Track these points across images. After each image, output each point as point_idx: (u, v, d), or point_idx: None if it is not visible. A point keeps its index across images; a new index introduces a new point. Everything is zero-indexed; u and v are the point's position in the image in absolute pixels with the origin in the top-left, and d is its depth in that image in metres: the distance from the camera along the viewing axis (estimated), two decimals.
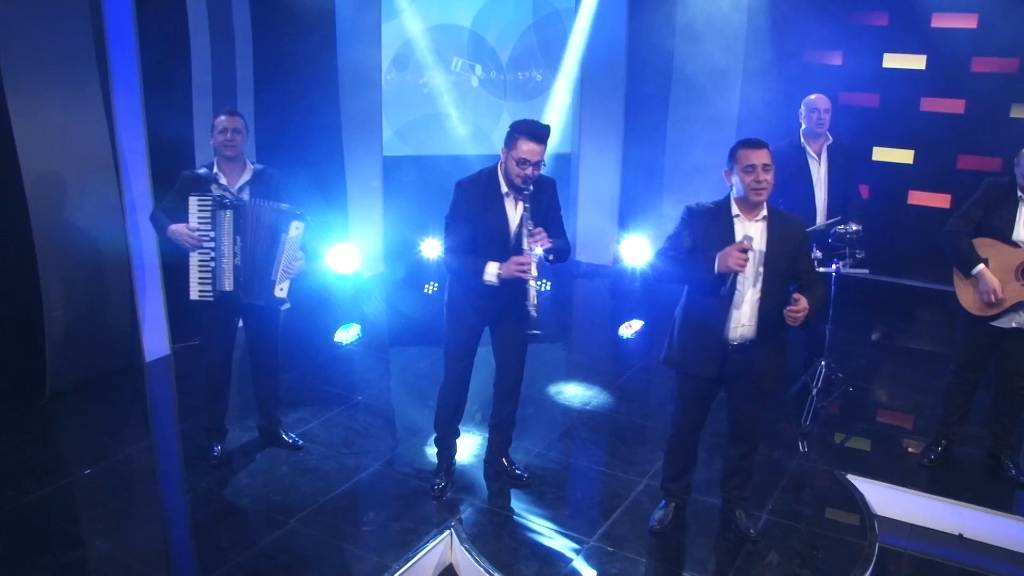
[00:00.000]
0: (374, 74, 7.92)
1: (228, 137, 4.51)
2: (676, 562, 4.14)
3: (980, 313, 4.62)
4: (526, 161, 4.05)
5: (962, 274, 4.64)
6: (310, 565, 4.03)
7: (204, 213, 4.51)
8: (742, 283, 3.84)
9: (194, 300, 4.58)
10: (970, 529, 4.60)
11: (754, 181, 3.75)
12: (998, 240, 4.53)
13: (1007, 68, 7.02)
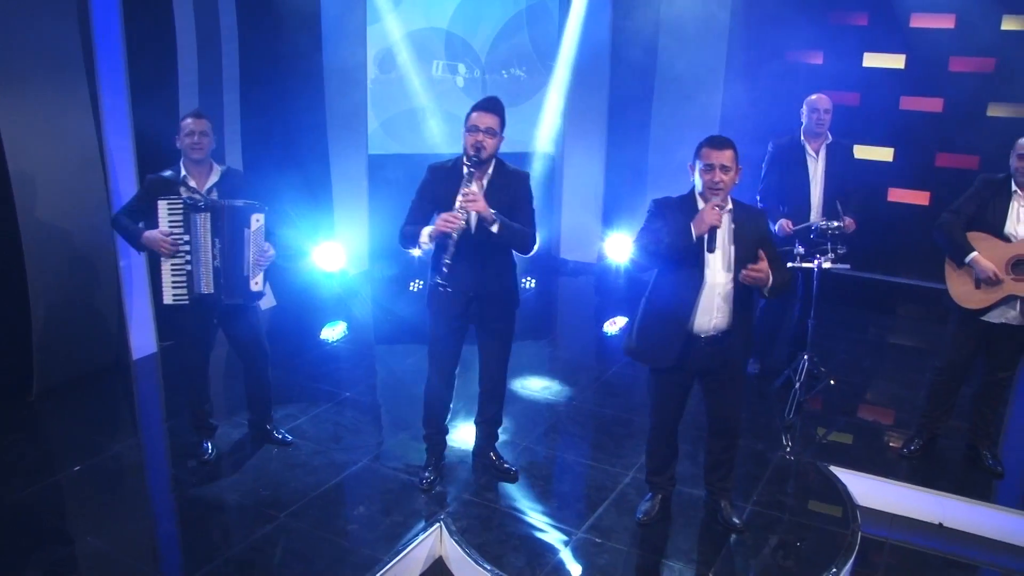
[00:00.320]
0: (359, 74, 7.95)
1: (195, 140, 4.49)
2: (663, 552, 4.20)
3: (971, 306, 4.69)
4: (475, 127, 4.16)
5: (955, 264, 4.71)
6: (301, 559, 4.07)
7: (175, 217, 4.49)
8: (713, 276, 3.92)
9: (168, 304, 4.57)
10: (949, 518, 4.69)
11: (710, 180, 3.83)
12: (990, 234, 4.61)
13: (984, 68, 7.14)
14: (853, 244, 5.53)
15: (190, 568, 3.97)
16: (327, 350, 6.72)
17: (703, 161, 3.87)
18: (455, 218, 4.08)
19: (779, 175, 5.73)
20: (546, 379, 6.24)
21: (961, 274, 4.71)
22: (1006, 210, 4.57)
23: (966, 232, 4.66)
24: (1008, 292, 4.56)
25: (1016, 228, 4.54)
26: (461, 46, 8.63)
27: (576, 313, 8.11)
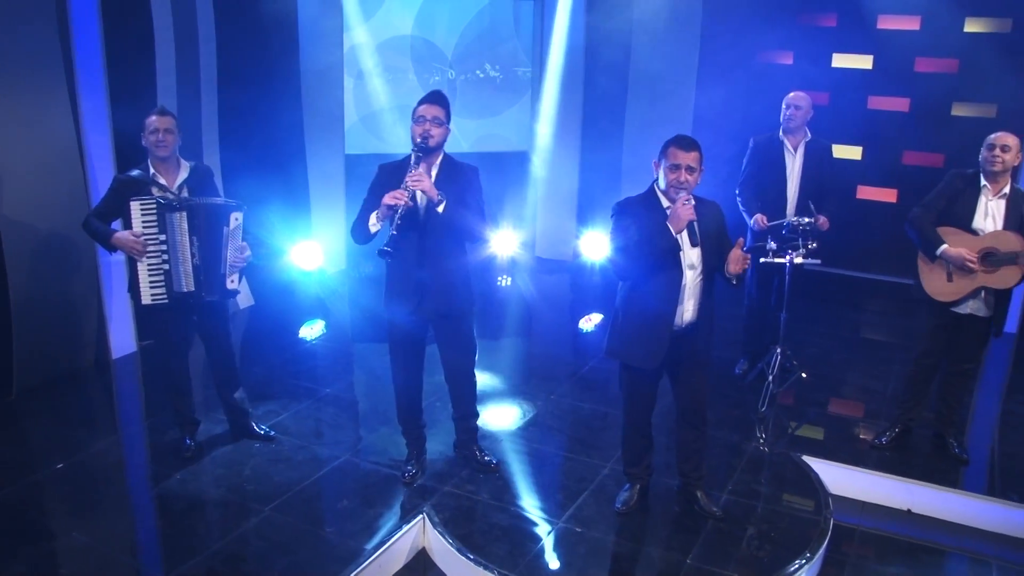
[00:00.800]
0: (336, 75, 8.01)
1: (160, 137, 4.50)
2: (642, 540, 4.30)
3: (944, 299, 4.84)
4: (423, 117, 4.26)
5: (927, 258, 4.85)
6: (287, 551, 4.13)
7: (149, 217, 4.51)
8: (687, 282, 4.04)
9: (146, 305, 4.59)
10: (918, 504, 4.83)
11: (675, 179, 3.94)
12: (959, 229, 4.75)
13: (948, 68, 7.34)
14: (823, 240, 5.67)
15: (177, 561, 4.01)
16: (306, 348, 6.77)
17: (669, 160, 3.97)
18: (400, 194, 4.14)
19: (757, 170, 5.86)
20: (524, 375, 6.34)
21: (934, 268, 4.85)
22: (975, 205, 4.71)
23: (936, 226, 4.79)
24: (979, 284, 4.71)
25: (984, 223, 4.69)
26: (435, 48, 8.69)
27: (552, 310, 8.20)
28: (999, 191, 4.68)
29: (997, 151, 4.60)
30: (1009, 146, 4.59)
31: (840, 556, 4.41)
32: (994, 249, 4.63)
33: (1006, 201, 4.67)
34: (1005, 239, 4.62)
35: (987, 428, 5.72)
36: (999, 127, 6.94)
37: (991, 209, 4.68)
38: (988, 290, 4.72)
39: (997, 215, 4.66)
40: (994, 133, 4.68)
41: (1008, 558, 4.44)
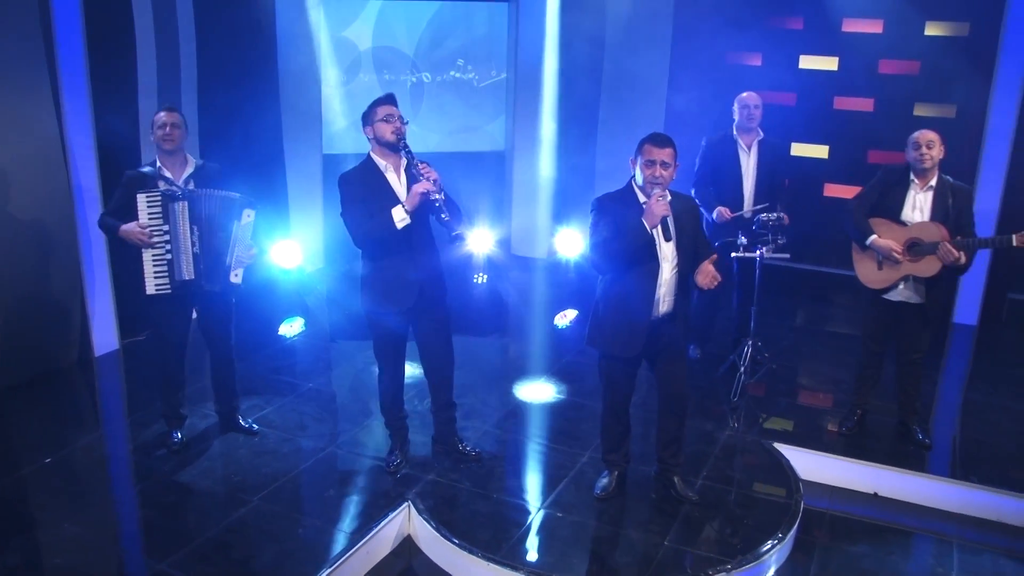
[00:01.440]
0: (314, 77, 8.10)
1: (167, 132, 4.68)
2: (621, 523, 4.46)
3: (874, 286, 5.09)
4: (390, 115, 4.41)
5: (859, 247, 5.10)
6: (276, 539, 4.24)
7: (154, 208, 4.66)
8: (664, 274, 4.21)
9: (151, 295, 4.72)
10: (884, 488, 5.04)
11: (652, 175, 4.11)
12: (890, 220, 5.00)
13: (910, 70, 7.58)
14: (792, 236, 5.86)
15: (169, 550, 4.10)
16: (287, 345, 6.86)
17: (645, 157, 4.14)
18: (427, 184, 4.31)
19: (713, 168, 6.04)
20: (502, 369, 6.48)
21: (865, 257, 5.10)
22: (903, 198, 4.98)
23: (869, 218, 5.04)
24: (905, 272, 4.96)
25: (912, 214, 4.95)
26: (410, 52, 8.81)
27: (528, 307, 8.33)
28: (926, 184, 4.94)
29: (924, 149, 4.85)
30: (933, 142, 4.86)
31: (810, 538, 4.59)
32: (918, 239, 4.88)
33: (933, 193, 4.93)
34: (928, 230, 4.87)
35: (950, 415, 5.94)
36: (958, 127, 7.27)
37: (919, 201, 4.95)
38: (915, 277, 4.96)
39: (924, 207, 4.93)
40: (916, 132, 4.93)
41: (968, 537, 4.65)
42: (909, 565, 4.44)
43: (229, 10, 7.07)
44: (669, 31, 8.32)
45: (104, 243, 6.20)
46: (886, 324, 5.23)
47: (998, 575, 4.35)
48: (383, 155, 4.49)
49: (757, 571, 4.21)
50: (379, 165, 4.48)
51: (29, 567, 4.00)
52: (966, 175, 7.21)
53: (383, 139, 4.44)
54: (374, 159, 4.50)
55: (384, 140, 4.44)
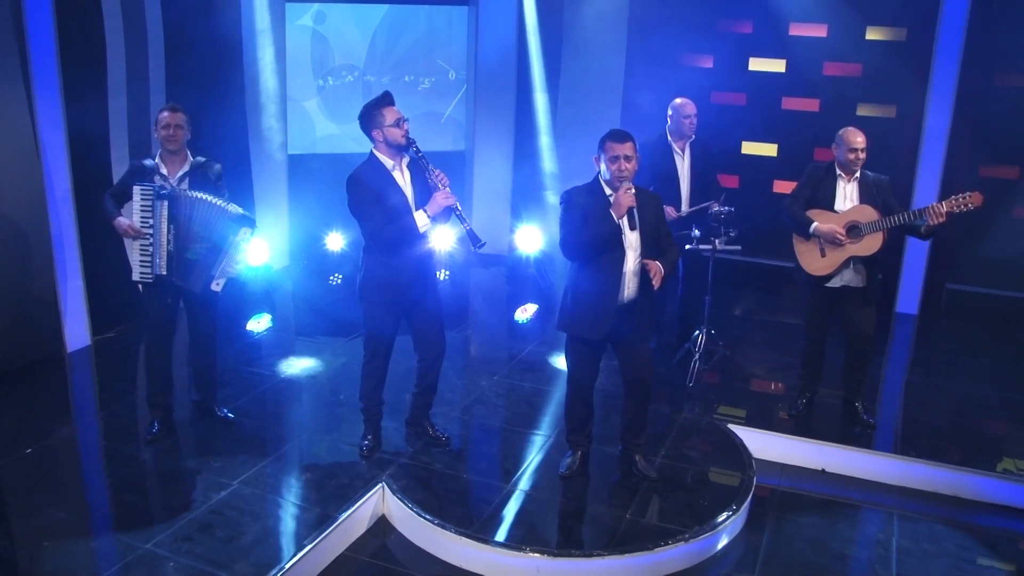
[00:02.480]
0: (279, 79, 8.26)
1: (171, 132, 4.86)
2: (585, 499, 4.73)
3: (818, 273, 5.41)
4: (399, 119, 4.62)
5: (801, 237, 5.42)
6: (257, 518, 4.44)
7: (146, 202, 4.86)
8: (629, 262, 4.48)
9: (136, 281, 4.92)
10: (831, 464, 5.37)
11: (617, 169, 4.40)
12: (824, 211, 5.35)
13: (852, 72, 7.95)
14: (742, 231, 6.17)
15: (155, 531, 4.28)
16: (256, 339, 7.02)
17: (608, 153, 4.42)
18: (451, 197, 4.62)
19: (650, 169, 6.28)
20: (468, 360, 6.73)
21: (807, 246, 5.43)
22: (834, 190, 5.36)
23: (806, 211, 5.40)
24: (849, 254, 5.29)
25: (843, 204, 5.34)
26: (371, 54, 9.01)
27: (490, 302, 8.57)
28: (852, 177, 5.35)
29: (859, 153, 5.25)
30: (864, 147, 5.26)
31: (762, 511, 4.90)
32: (856, 222, 5.23)
33: (858, 184, 5.33)
34: (864, 212, 5.24)
35: (892, 397, 6.30)
36: (898, 125, 7.63)
37: (848, 192, 5.34)
38: (857, 260, 5.30)
39: (853, 196, 5.33)
40: (846, 132, 5.31)
41: (908, 508, 4.99)
42: (854, 533, 4.76)
43: (196, 12, 7.22)
44: (624, 34, 8.60)
45: (76, 241, 6.32)
46: (828, 311, 5.55)
47: (933, 540, 4.68)
48: (389, 155, 4.68)
49: (712, 541, 4.50)
50: (385, 165, 4.67)
51: (20, 549, 4.11)
52: (906, 171, 7.65)
53: (394, 142, 4.63)
54: (380, 159, 4.68)
55: (395, 143, 4.63)
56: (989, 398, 6.18)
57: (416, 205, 4.70)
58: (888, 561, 4.50)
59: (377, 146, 4.69)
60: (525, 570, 4.22)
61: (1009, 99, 7.46)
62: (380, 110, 4.64)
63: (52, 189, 6.11)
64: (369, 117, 4.66)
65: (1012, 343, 7.28)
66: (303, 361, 6.63)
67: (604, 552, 4.25)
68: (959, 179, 7.59)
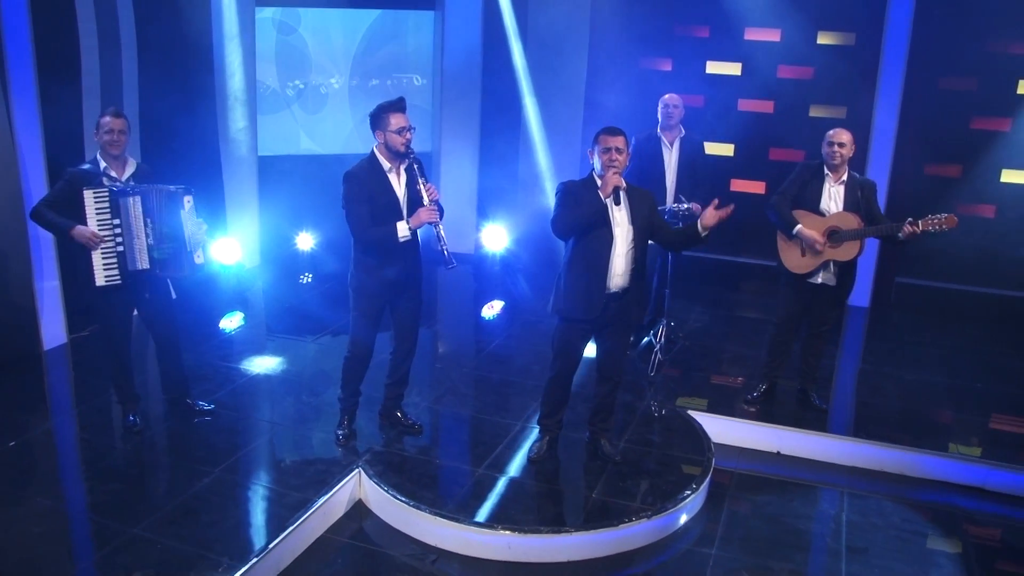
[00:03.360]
0: (250, 83, 8.41)
1: (115, 137, 4.96)
2: (553, 481, 4.97)
3: (799, 271, 5.66)
4: (403, 128, 4.81)
5: (785, 236, 5.67)
6: (239, 503, 4.63)
7: (102, 204, 4.94)
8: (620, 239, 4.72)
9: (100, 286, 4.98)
10: (785, 447, 5.66)
11: (608, 159, 4.67)
12: (809, 211, 5.59)
13: (805, 75, 8.29)
14: None
15: (141, 516, 4.44)
16: (229, 336, 7.17)
17: (601, 146, 4.71)
18: (433, 210, 4.82)
19: (639, 163, 6.61)
20: (438, 353, 6.94)
21: (790, 245, 5.67)
22: (820, 191, 5.58)
23: (791, 210, 5.62)
24: (827, 258, 5.56)
25: (829, 205, 5.56)
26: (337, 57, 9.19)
27: (457, 299, 8.78)
28: (839, 179, 5.56)
29: (836, 147, 5.49)
30: (844, 142, 5.49)
31: (722, 491, 5.17)
32: (837, 228, 5.49)
33: (844, 187, 5.55)
34: (846, 219, 5.49)
35: (843, 384, 6.64)
36: (848, 126, 7.95)
37: (833, 193, 5.56)
38: (834, 262, 5.57)
39: (838, 198, 5.55)
40: (832, 130, 5.56)
41: (857, 486, 5.30)
42: (807, 510, 5.04)
43: (167, 16, 7.37)
44: (586, 39, 8.87)
45: (53, 242, 6.43)
46: (803, 305, 5.81)
47: (881, 514, 4.98)
48: (388, 158, 4.88)
49: (673, 518, 4.76)
50: (383, 166, 4.87)
51: (10, 537, 4.28)
52: (856, 169, 7.91)
53: (394, 148, 4.83)
54: (379, 159, 4.88)
55: (395, 149, 4.83)
56: (935, 384, 6.52)
57: (409, 208, 4.91)
58: (838, 534, 4.79)
59: (378, 147, 4.89)
60: (497, 547, 4.45)
61: (952, 101, 7.85)
62: (388, 114, 4.82)
63: (29, 191, 6.22)
64: (377, 118, 4.85)
65: (958, 333, 7.65)
66: (278, 357, 6.79)
67: (571, 529, 4.50)
68: (906, 177, 8.00)
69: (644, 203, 4.81)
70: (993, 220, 7.92)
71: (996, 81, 7.68)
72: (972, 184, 7.92)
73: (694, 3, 8.47)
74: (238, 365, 6.45)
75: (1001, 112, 7.71)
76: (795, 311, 5.85)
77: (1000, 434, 5.79)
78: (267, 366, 6.52)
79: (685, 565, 4.52)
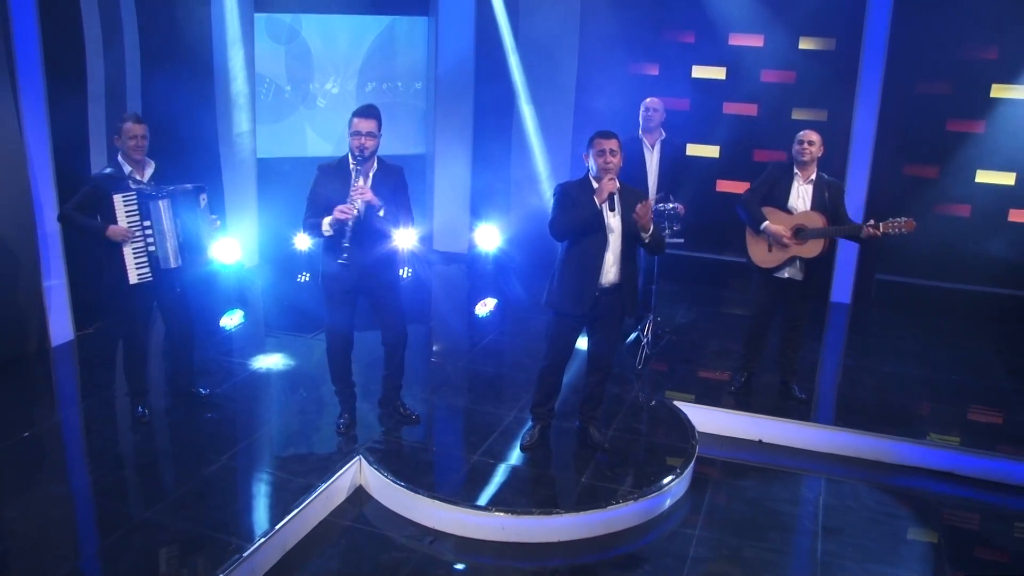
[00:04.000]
0: (249, 87, 8.64)
1: (138, 142, 5.23)
2: (545, 466, 5.22)
3: (766, 266, 5.93)
4: (358, 132, 5.03)
5: (753, 233, 5.93)
6: (245, 489, 4.88)
7: (131, 207, 5.21)
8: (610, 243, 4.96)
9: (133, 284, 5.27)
10: (767, 435, 5.92)
11: (603, 162, 4.91)
12: (777, 208, 5.86)
13: (787, 79, 8.55)
14: (689, 227, 6.71)
15: (153, 500, 4.69)
16: (230, 333, 7.40)
17: (595, 148, 4.95)
18: (349, 209, 4.98)
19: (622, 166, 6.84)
20: (432, 349, 7.19)
21: (758, 240, 5.95)
22: (789, 189, 5.86)
23: (761, 207, 5.89)
24: (792, 254, 5.83)
25: (797, 203, 5.83)
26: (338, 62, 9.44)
27: (451, 297, 9.00)
28: (807, 178, 5.83)
29: (805, 145, 5.76)
30: (813, 141, 5.76)
31: (704, 477, 5.42)
32: (803, 226, 5.76)
33: (813, 186, 5.82)
34: (812, 218, 5.76)
35: (824, 376, 6.92)
36: (829, 128, 8.28)
37: (802, 192, 5.83)
38: (800, 259, 5.84)
39: (806, 197, 5.82)
40: (802, 131, 5.83)
41: (835, 472, 5.56)
42: (786, 493, 5.29)
43: (169, 23, 7.61)
44: (576, 43, 9.11)
45: (60, 242, 6.66)
46: (773, 298, 6.09)
47: (856, 497, 5.24)
48: (354, 160, 5.10)
49: (659, 501, 5.01)
50: (351, 167, 5.10)
51: (27, 520, 4.52)
52: (837, 171, 8.24)
53: (352, 150, 5.07)
54: (348, 159, 5.12)
55: (353, 151, 5.07)
56: (912, 376, 6.79)
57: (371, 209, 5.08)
58: (815, 516, 5.05)
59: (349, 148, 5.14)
60: (491, 528, 4.69)
61: (928, 105, 8.13)
62: (351, 118, 5.09)
63: (37, 192, 6.45)
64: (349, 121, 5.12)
65: (935, 328, 7.92)
66: (278, 353, 7.00)
67: (562, 511, 4.74)
68: (885, 177, 8.27)
69: (635, 202, 5.04)
70: (969, 219, 8.20)
71: (970, 85, 7.97)
72: (948, 184, 8.20)
73: (680, 9, 8.72)
74: (239, 360, 6.68)
75: (975, 115, 8.00)
76: (766, 304, 6.12)
77: (972, 423, 6.06)
78: (267, 361, 6.74)
79: (669, 544, 4.76)
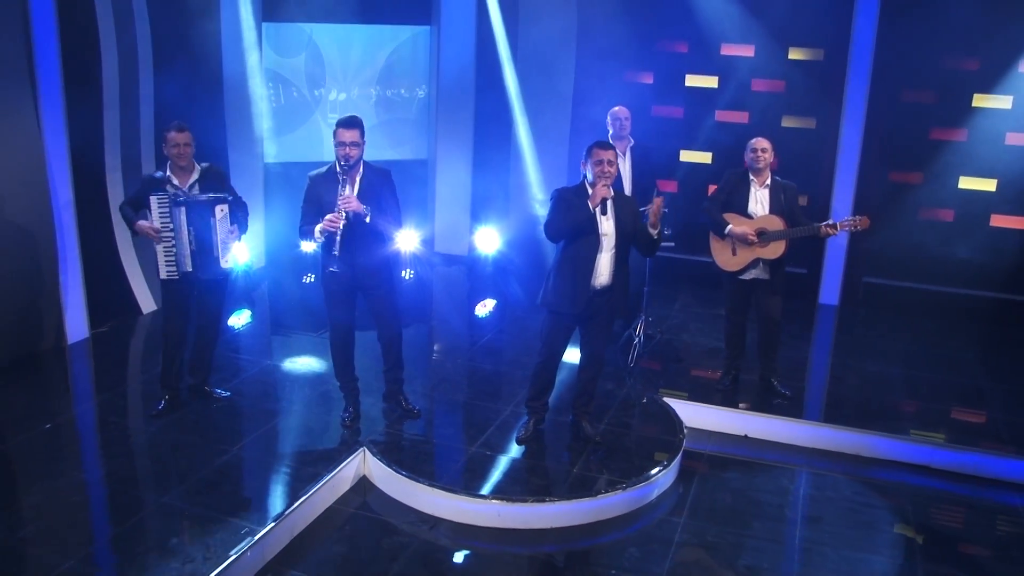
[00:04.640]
0: (256, 95, 8.94)
1: (180, 150, 5.54)
2: (539, 458, 5.51)
3: (730, 269, 6.24)
4: (342, 143, 5.29)
5: (717, 237, 6.23)
6: (256, 476, 5.17)
7: (163, 209, 5.55)
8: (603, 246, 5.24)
9: (163, 279, 5.65)
10: (752, 430, 6.19)
11: (600, 171, 5.19)
12: (738, 214, 6.16)
13: (777, 88, 8.84)
14: (679, 230, 6.98)
15: (169, 486, 4.99)
16: (239, 332, 7.69)
17: (593, 159, 5.22)
18: (336, 218, 5.26)
19: None
20: (433, 348, 7.48)
21: (722, 245, 6.24)
22: (747, 195, 6.16)
23: (722, 213, 6.19)
24: (755, 255, 6.13)
25: (755, 207, 6.14)
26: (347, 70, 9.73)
27: (451, 298, 9.27)
28: (763, 183, 6.14)
29: (759, 152, 6.08)
30: (766, 148, 6.09)
31: (692, 469, 5.69)
32: (765, 228, 6.07)
33: (769, 190, 6.14)
34: (772, 221, 6.08)
35: (812, 375, 7.22)
36: (817, 135, 8.53)
37: (759, 197, 6.14)
38: (764, 260, 6.14)
39: (764, 201, 6.12)
40: (754, 138, 6.14)
41: (816, 465, 5.83)
42: (769, 485, 5.57)
43: (180, 33, 7.91)
44: (573, 52, 9.39)
45: (77, 243, 6.96)
46: (743, 298, 6.38)
47: (835, 488, 5.52)
48: (340, 168, 5.36)
49: (647, 490, 5.30)
50: (339, 175, 5.37)
51: (53, 504, 4.80)
52: (825, 176, 8.57)
53: (336, 158, 5.34)
54: (336, 167, 5.39)
55: (336, 159, 5.34)
56: (895, 375, 7.06)
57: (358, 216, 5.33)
58: (796, 506, 5.33)
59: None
60: (487, 514, 4.98)
61: (912, 113, 8.40)
62: (336, 129, 5.35)
63: (56, 194, 6.74)
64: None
65: (920, 330, 8.19)
66: (286, 351, 7.29)
67: (554, 498, 5.02)
68: (871, 183, 8.55)
69: (628, 210, 5.34)
70: (952, 223, 8.48)
71: (953, 94, 8.24)
72: (932, 190, 8.46)
73: (674, 20, 8.99)
74: (248, 357, 6.97)
75: (958, 123, 8.27)
76: (738, 305, 6.42)
77: (951, 420, 6.33)
78: (276, 359, 7.03)
79: (656, 531, 5.04)
